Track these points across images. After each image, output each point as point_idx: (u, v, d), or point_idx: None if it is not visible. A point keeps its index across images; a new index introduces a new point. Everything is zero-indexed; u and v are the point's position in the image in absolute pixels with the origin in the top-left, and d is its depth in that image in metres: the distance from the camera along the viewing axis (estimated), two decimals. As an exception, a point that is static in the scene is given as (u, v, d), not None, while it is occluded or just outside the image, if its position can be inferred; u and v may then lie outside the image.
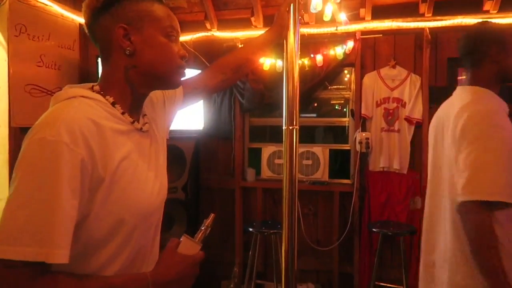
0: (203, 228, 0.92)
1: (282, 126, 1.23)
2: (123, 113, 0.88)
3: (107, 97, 0.87)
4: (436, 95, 3.07)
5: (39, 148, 0.73)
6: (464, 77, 1.46)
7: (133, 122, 0.90)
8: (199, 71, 1.29)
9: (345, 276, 3.23)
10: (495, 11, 2.88)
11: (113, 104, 0.87)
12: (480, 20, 2.87)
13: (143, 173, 0.90)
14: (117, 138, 0.84)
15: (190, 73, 1.28)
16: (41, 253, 0.70)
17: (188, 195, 3.05)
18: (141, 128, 0.92)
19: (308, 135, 3.85)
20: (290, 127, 1.21)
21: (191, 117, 3.06)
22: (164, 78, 0.92)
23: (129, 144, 0.87)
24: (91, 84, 0.91)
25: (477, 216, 1.21)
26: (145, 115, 0.98)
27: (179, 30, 0.94)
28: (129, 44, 0.87)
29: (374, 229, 2.81)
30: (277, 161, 3.36)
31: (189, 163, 3.04)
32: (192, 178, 3.10)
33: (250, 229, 2.94)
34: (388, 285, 2.94)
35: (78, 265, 0.80)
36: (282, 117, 1.25)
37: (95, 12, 0.88)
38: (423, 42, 3.04)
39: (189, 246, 0.88)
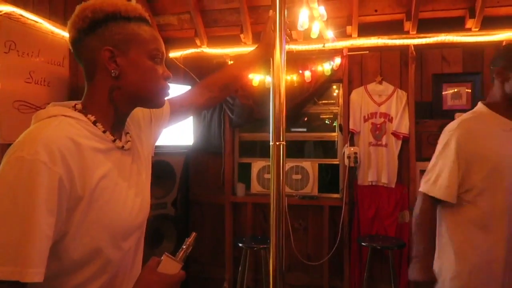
0: (184, 247, 0.91)
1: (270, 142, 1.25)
2: (104, 132, 0.89)
3: (89, 115, 0.88)
4: (421, 110, 3.14)
5: (17, 167, 0.73)
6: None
7: (114, 140, 0.91)
8: (189, 87, 1.31)
9: (336, 290, 3.22)
10: (477, 29, 2.97)
11: (94, 123, 0.88)
12: (463, 37, 2.97)
13: (122, 192, 0.89)
14: (96, 156, 0.84)
15: (180, 89, 1.31)
16: (15, 271, 0.70)
17: (178, 210, 3.04)
18: (123, 147, 0.93)
19: (297, 149, 3.88)
20: (277, 143, 1.23)
21: (181, 132, 3.07)
22: (148, 98, 0.93)
23: (109, 163, 0.87)
24: (74, 102, 0.91)
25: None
26: (128, 133, 0.99)
27: (164, 51, 0.96)
28: (115, 67, 0.88)
29: (363, 243, 2.82)
30: (266, 176, 3.37)
31: (179, 178, 3.04)
32: (181, 194, 3.10)
33: (240, 244, 2.93)
34: (378, 299, 2.94)
35: (54, 285, 0.79)
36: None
37: (81, 32, 0.88)
38: (408, 59, 3.12)
39: (169, 265, 0.87)
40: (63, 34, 2.87)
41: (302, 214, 3.35)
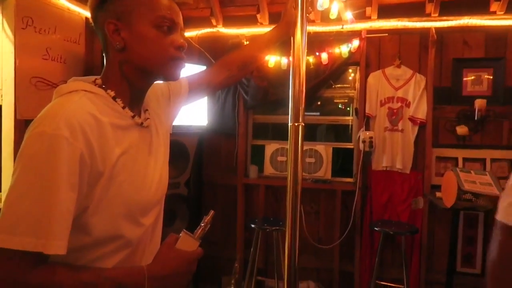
0: (202, 224, 0.91)
1: (287, 123, 1.23)
2: (123, 108, 0.88)
3: (108, 91, 0.88)
4: (440, 96, 3.07)
5: (39, 142, 0.74)
6: None
7: (133, 117, 0.90)
8: (204, 67, 1.29)
9: (346, 274, 3.23)
10: (502, 12, 2.87)
11: (114, 98, 0.87)
12: (486, 21, 2.87)
13: (141, 168, 0.90)
14: (116, 133, 0.84)
15: (196, 69, 1.29)
16: (39, 243, 0.71)
17: (191, 190, 3.06)
18: (142, 123, 0.92)
19: (311, 133, 3.85)
20: (296, 124, 1.21)
21: (195, 113, 3.07)
22: (158, 71, 0.90)
23: (128, 139, 0.87)
24: (94, 77, 0.91)
25: None
26: (147, 110, 0.98)
27: (177, 19, 0.91)
28: (119, 40, 0.86)
29: (375, 228, 2.81)
30: (280, 158, 3.36)
31: (192, 158, 3.05)
32: (194, 174, 3.11)
33: (252, 226, 2.94)
34: (388, 284, 2.95)
35: (76, 257, 0.81)
36: (285, 114, 1.25)
37: (94, 9, 0.89)
38: (428, 42, 3.03)
39: (187, 242, 0.88)
40: (80, 11, 2.86)
41: (314, 197, 3.35)
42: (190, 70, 1.13)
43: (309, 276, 3.31)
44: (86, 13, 2.83)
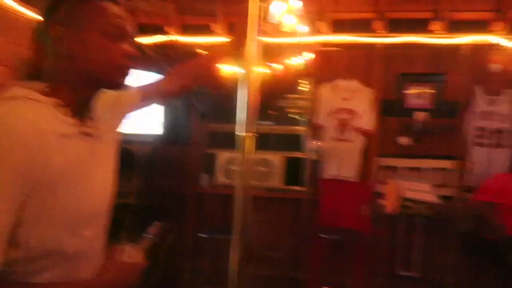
0: (147, 236, 0.91)
1: (238, 133, 1.26)
2: (68, 116, 0.86)
3: (53, 98, 0.85)
4: (385, 108, 3.24)
5: None
6: None
7: (79, 125, 0.88)
8: (159, 75, 1.29)
9: (295, 281, 3.29)
10: (442, 32, 3.09)
11: (58, 106, 0.85)
12: (428, 39, 3.09)
13: (85, 178, 0.87)
14: (60, 141, 0.81)
15: (150, 77, 1.29)
16: None
17: (140, 200, 2.99)
18: (87, 132, 0.90)
19: (264, 142, 3.91)
20: (247, 134, 1.25)
21: (147, 121, 3.01)
22: (103, 78, 0.88)
23: (73, 148, 0.84)
24: (39, 83, 0.88)
25: None
26: (93, 118, 0.95)
27: (127, 27, 0.90)
28: (65, 46, 0.85)
29: (324, 235, 2.90)
30: (232, 167, 3.38)
31: (143, 167, 2.99)
32: (145, 183, 3.05)
33: (203, 235, 2.93)
34: (335, 289, 3.04)
35: (11, 271, 0.77)
36: (240, 123, 1.28)
37: (43, 14, 0.87)
38: (376, 57, 3.21)
39: (131, 254, 0.87)
40: (27, 13, 2.73)
41: (266, 206, 3.39)
42: (144, 77, 1.13)
43: (258, 284, 3.34)
44: (34, 15, 2.72)
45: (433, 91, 3.24)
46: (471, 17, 3.12)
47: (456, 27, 3.09)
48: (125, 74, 0.90)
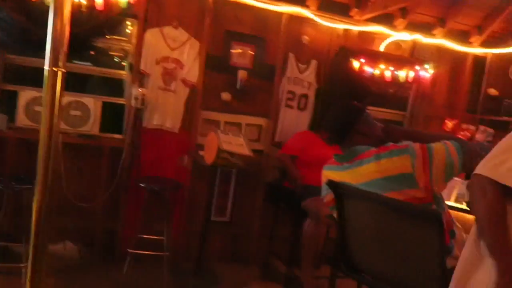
0: None
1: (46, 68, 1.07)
2: None
3: None
4: (211, 63, 3.30)
5: None
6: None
7: None
8: None
9: (110, 232, 3.18)
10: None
11: None
12: (256, 2, 3.22)
13: None
14: None
15: None
16: None
17: None
18: None
19: (79, 84, 3.51)
20: (54, 69, 1.07)
21: None
22: None
23: None
24: None
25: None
26: None
27: None
28: None
29: (142, 185, 2.85)
30: (38, 108, 2.92)
31: None
32: None
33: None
34: (151, 237, 3.06)
35: None
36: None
37: None
38: (206, 11, 3.18)
39: None
40: None
41: (79, 153, 3.10)
42: None
43: (68, 236, 3.10)
44: None
45: (253, 52, 3.44)
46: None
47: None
48: None
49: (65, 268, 2.93)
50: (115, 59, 3.50)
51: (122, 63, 3.35)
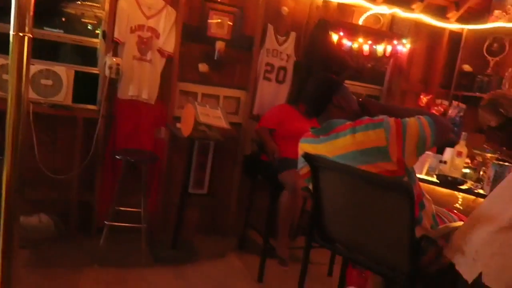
0: None
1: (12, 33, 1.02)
2: None
3: None
4: (188, 33, 3.21)
5: None
6: None
7: None
8: None
9: (85, 204, 3.15)
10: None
11: None
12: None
13: None
14: None
15: None
16: None
17: None
18: None
19: (50, 52, 3.37)
20: (20, 34, 1.01)
21: None
22: None
23: None
24: None
25: None
26: None
27: None
28: None
29: (118, 157, 2.82)
30: (5, 76, 2.80)
31: None
32: None
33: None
34: (128, 209, 3.05)
35: None
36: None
37: None
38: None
39: None
40: None
41: (51, 124, 3.02)
42: None
43: (42, 209, 3.05)
44: None
45: (232, 23, 3.36)
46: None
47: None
48: None
49: (40, 241, 2.91)
50: (88, 27, 3.36)
51: (96, 31, 3.23)
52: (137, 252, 2.90)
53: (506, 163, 2.38)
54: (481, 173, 2.57)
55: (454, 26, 4.19)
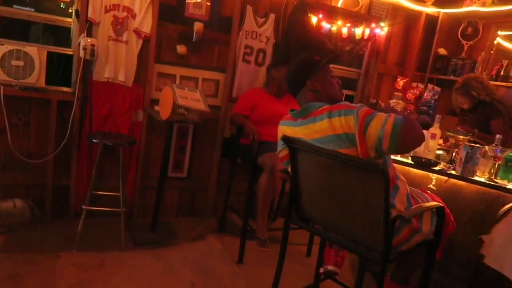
0: None
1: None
2: None
3: None
4: (165, 13, 3.14)
5: None
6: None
7: None
8: None
9: (61, 188, 3.10)
10: None
11: None
12: None
13: None
14: None
15: None
16: None
17: None
18: None
19: (21, 31, 3.25)
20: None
21: None
22: None
23: None
24: None
25: None
26: None
27: None
28: None
29: (94, 140, 2.77)
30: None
31: None
32: None
33: None
34: (106, 193, 3.02)
35: None
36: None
37: None
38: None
39: None
40: None
41: (23, 107, 2.93)
42: None
43: (17, 194, 2.99)
44: None
45: (209, 4, 3.30)
46: None
47: None
48: None
49: (15, 226, 2.85)
50: (60, 5, 3.24)
51: (69, 9, 3.11)
52: (117, 236, 2.89)
53: (478, 145, 2.46)
54: (454, 154, 2.65)
55: (431, 10, 4.24)
